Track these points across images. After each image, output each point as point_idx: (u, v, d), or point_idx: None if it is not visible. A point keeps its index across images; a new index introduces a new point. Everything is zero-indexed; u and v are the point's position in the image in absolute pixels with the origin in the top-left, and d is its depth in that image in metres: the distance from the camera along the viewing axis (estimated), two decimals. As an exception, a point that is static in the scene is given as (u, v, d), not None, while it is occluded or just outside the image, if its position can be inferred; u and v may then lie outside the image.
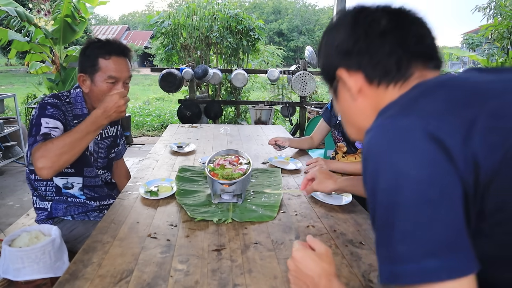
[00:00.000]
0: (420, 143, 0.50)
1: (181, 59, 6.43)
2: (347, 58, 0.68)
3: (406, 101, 0.58)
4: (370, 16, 0.67)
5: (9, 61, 22.08)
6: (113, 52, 1.43)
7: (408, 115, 0.54)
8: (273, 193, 1.46)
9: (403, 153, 0.51)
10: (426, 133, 0.50)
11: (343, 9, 0.73)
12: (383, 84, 0.66)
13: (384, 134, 0.54)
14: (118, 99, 1.28)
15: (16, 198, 3.41)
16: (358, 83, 0.68)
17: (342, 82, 0.71)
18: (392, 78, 0.65)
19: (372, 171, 0.54)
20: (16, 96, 4.34)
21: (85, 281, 0.88)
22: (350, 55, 0.67)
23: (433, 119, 0.51)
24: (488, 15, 6.35)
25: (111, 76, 1.42)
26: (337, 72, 0.70)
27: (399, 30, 0.65)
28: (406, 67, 0.65)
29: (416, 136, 0.51)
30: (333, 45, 0.70)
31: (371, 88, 0.68)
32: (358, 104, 0.71)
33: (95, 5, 5.05)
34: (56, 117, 1.38)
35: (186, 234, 1.14)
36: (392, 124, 0.54)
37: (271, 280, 0.90)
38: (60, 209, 1.53)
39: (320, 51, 0.76)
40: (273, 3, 39.65)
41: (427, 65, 0.66)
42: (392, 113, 0.56)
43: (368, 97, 0.69)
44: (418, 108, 0.54)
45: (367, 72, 0.66)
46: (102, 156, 1.64)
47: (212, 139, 2.51)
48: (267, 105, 5.47)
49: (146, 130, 6.94)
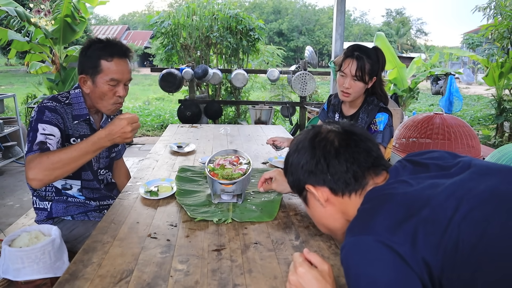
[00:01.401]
0: (382, 256, 0.66)
1: (181, 59, 6.43)
2: (312, 177, 0.85)
3: (365, 219, 0.74)
4: (324, 140, 0.84)
5: (9, 61, 22.09)
6: (115, 54, 1.42)
7: (369, 234, 0.70)
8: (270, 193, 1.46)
9: (372, 266, 0.67)
10: (385, 247, 0.66)
11: (302, 134, 0.90)
12: (346, 194, 0.83)
13: (355, 252, 0.70)
14: (125, 125, 1.26)
15: (16, 198, 3.41)
16: (325, 195, 0.85)
17: (311, 194, 0.87)
18: (352, 189, 0.83)
19: (353, 281, 0.69)
20: (16, 96, 4.34)
21: (85, 281, 0.88)
22: (314, 174, 0.84)
23: (388, 235, 0.67)
24: (488, 15, 6.35)
25: (113, 78, 1.42)
26: (306, 186, 0.87)
27: (350, 149, 0.83)
28: (362, 178, 0.82)
29: (378, 251, 0.67)
30: (298, 166, 0.87)
31: (337, 197, 0.84)
32: (327, 210, 0.87)
33: (95, 5, 5.05)
34: (54, 122, 1.37)
35: (186, 234, 1.13)
36: (359, 243, 0.70)
37: (271, 280, 0.90)
38: (60, 209, 1.52)
39: (287, 169, 0.93)
40: (273, 3, 39.63)
41: (377, 172, 0.84)
42: (357, 231, 0.73)
43: (335, 205, 0.86)
44: (375, 227, 0.70)
45: (330, 186, 0.83)
46: (104, 155, 1.64)
47: (212, 139, 2.51)
48: (267, 105, 5.47)
49: (146, 130, 6.94)
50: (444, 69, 7.22)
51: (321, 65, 31.07)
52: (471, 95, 13.28)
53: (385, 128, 1.69)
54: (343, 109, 1.88)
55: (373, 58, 1.67)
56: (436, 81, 6.98)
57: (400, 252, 0.65)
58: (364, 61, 1.64)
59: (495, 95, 6.10)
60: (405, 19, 45.31)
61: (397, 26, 42.29)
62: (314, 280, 0.76)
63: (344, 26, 4.49)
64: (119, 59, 1.43)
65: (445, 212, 0.67)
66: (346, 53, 1.71)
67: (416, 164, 0.86)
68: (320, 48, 34.98)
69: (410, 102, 6.81)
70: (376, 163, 0.84)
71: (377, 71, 1.70)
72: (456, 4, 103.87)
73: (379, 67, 1.70)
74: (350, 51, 1.69)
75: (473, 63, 17.23)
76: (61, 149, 1.27)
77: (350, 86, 1.68)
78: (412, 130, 3.13)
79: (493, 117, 6.17)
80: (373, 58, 1.67)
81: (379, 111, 1.71)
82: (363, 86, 1.69)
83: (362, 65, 1.64)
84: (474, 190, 0.70)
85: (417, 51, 32.76)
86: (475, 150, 2.98)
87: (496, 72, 5.85)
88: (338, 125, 0.88)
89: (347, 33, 39.71)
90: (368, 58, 1.65)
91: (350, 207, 0.83)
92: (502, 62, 5.79)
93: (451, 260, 0.64)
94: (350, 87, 1.68)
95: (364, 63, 1.64)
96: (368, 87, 1.72)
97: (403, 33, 41.64)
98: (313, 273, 0.77)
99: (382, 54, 1.72)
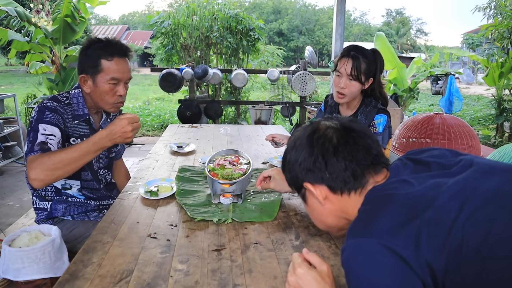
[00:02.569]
0: (384, 259, 0.65)
1: (181, 59, 6.43)
2: (310, 174, 0.83)
3: (366, 221, 0.73)
4: (322, 137, 0.83)
5: (9, 61, 22.09)
6: (115, 53, 1.42)
7: (370, 237, 0.68)
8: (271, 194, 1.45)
9: (373, 270, 0.66)
10: (387, 250, 0.65)
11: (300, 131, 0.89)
12: (345, 193, 0.82)
13: (357, 255, 0.69)
14: (125, 125, 1.26)
15: (16, 198, 3.41)
16: (323, 193, 0.84)
17: (309, 192, 0.86)
18: (351, 187, 0.81)
19: (354, 284, 0.68)
20: (16, 96, 4.34)
21: (85, 281, 0.88)
22: (312, 172, 0.83)
23: (390, 238, 0.66)
24: (488, 15, 6.35)
25: (114, 77, 1.42)
26: (304, 184, 0.85)
27: (348, 146, 0.81)
28: (361, 177, 0.81)
29: (380, 254, 0.66)
30: (296, 163, 0.85)
31: (336, 196, 0.83)
32: (326, 208, 0.86)
33: (95, 5, 5.05)
34: (54, 122, 1.38)
35: (186, 234, 1.13)
36: (361, 245, 0.69)
37: (271, 280, 0.90)
38: (60, 209, 1.52)
39: (285, 167, 0.91)
40: (273, 3, 39.64)
41: (377, 170, 0.83)
42: (358, 233, 0.71)
43: (334, 203, 0.84)
44: (376, 229, 0.69)
45: (329, 184, 0.82)
46: (103, 155, 1.63)
47: (212, 139, 2.51)
48: (267, 105, 5.47)
49: (146, 130, 6.94)
50: (444, 69, 7.22)
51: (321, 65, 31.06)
52: (471, 95, 13.28)
53: (384, 129, 1.69)
54: (341, 110, 1.87)
55: (370, 58, 1.66)
56: (436, 81, 6.99)
57: (403, 255, 0.64)
58: (359, 60, 1.63)
59: (495, 95, 6.10)
60: (405, 19, 45.31)
61: (397, 26, 42.28)
62: (313, 281, 0.75)
63: (344, 26, 4.50)
64: (119, 59, 1.43)
65: (449, 213, 0.67)
66: (342, 53, 1.70)
67: (417, 163, 0.85)
68: (320, 48, 34.99)
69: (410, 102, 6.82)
70: (376, 160, 0.83)
71: (375, 72, 1.69)
72: (456, 4, 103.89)
73: (376, 68, 1.68)
74: (346, 50, 1.68)
75: (473, 63, 17.23)
76: (62, 150, 1.27)
77: (345, 86, 1.67)
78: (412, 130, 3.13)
79: (493, 117, 6.17)
80: (370, 58, 1.66)
81: (377, 113, 1.71)
82: (359, 86, 1.68)
83: (358, 64, 1.63)
84: (477, 190, 0.69)
85: (417, 51, 32.75)
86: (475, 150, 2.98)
87: (496, 72, 5.85)
88: (337, 121, 0.87)
89: (347, 33, 39.70)
90: (364, 57, 1.65)
91: (350, 205, 0.83)
92: (502, 62, 5.79)
93: (455, 261, 0.64)
94: (346, 87, 1.67)
95: (359, 62, 1.63)
96: (364, 88, 1.71)
97: (403, 33, 41.64)
98: (312, 274, 0.76)
99: (380, 56, 1.71)
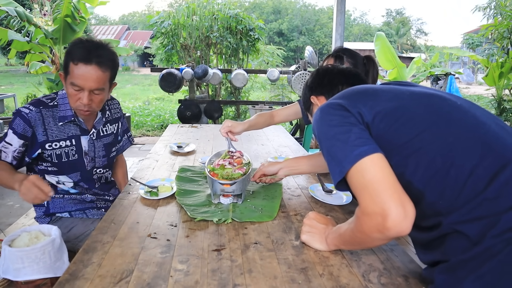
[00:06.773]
0: (335, 111, 0.92)
1: (181, 59, 6.43)
2: (314, 90, 1.24)
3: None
4: (321, 68, 1.28)
5: (9, 61, 22.10)
6: (81, 58, 1.32)
7: (330, 100, 0.97)
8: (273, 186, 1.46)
9: (327, 115, 0.92)
10: (339, 105, 0.92)
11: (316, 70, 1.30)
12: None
13: (319, 109, 0.96)
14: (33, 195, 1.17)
15: (16, 198, 3.40)
16: (322, 101, 1.21)
17: (314, 104, 1.24)
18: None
19: (316, 126, 0.94)
20: (16, 96, 4.35)
21: (85, 281, 0.88)
22: (315, 88, 1.24)
23: (342, 100, 0.93)
24: (488, 15, 6.36)
25: (73, 83, 1.35)
26: (310, 98, 1.25)
27: (343, 72, 1.23)
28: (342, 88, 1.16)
29: (333, 107, 0.92)
30: (306, 86, 1.28)
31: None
32: None
33: (95, 5, 5.06)
34: (18, 132, 1.37)
35: (186, 234, 1.13)
36: (323, 105, 0.96)
37: (271, 280, 0.90)
38: (57, 205, 1.54)
39: (302, 96, 1.32)
40: (273, 3, 39.65)
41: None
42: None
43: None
44: (335, 97, 0.98)
45: (325, 94, 1.22)
46: (100, 155, 1.61)
47: (212, 139, 2.51)
48: (267, 105, 5.47)
49: (146, 130, 6.93)
50: (444, 69, 7.23)
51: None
52: (471, 95, 13.27)
53: None
54: None
55: (358, 61, 1.58)
56: (436, 81, 6.99)
57: (348, 108, 0.90)
58: (343, 60, 1.56)
59: (495, 95, 6.10)
60: (405, 19, 45.35)
61: (397, 26, 42.30)
62: (320, 217, 1.12)
63: (344, 26, 4.50)
64: (84, 65, 1.33)
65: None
66: (329, 53, 1.68)
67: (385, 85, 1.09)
68: (320, 48, 35.00)
69: (410, 102, 6.80)
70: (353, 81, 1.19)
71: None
72: (456, 4, 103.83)
73: (365, 72, 1.59)
74: (334, 51, 1.64)
75: (473, 63, 17.23)
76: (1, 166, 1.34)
77: None
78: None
79: (493, 117, 6.16)
80: (358, 60, 1.58)
81: None
82: None
83: (340, 63, 1.55)
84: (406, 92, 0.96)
85: (417, 51, 32.76)
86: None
87: (496, 72, 5.86)
88: (346, 69, 1.25)
89: (347, 33, 39.69)
90: (350, 58, 1.57)
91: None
92: (502, 62, 5.79)
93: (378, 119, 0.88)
94: None
95: (342, 62, 1.56)
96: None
97: (403, 33, 41.66)
98: (319, 214, 1.14)
99: (374, 64, 1.61)
